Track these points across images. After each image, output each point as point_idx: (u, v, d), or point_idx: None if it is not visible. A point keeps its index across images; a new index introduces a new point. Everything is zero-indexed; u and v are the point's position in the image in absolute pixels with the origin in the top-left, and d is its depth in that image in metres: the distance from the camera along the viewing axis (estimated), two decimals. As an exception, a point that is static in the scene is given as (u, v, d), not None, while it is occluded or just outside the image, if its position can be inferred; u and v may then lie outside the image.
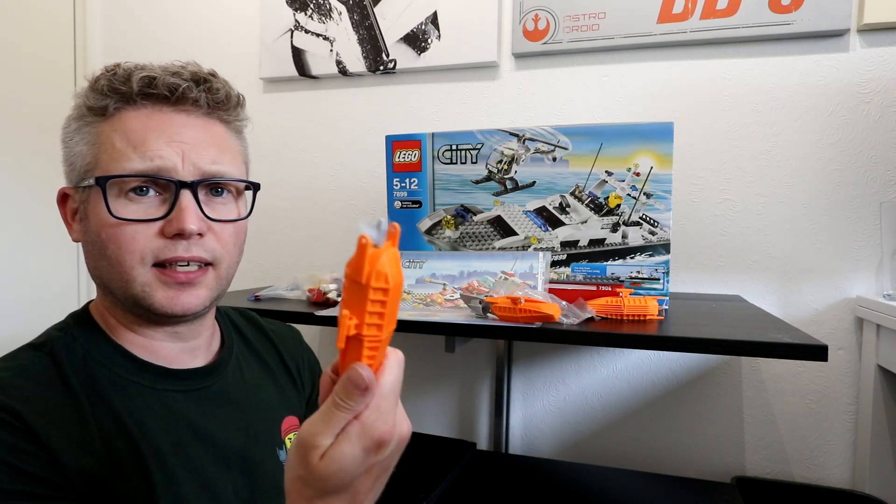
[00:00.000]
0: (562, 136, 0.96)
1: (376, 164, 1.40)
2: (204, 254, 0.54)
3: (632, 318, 0.82)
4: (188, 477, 0.54)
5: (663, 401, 1.23)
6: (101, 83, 0.53)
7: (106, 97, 0.53)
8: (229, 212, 0.57)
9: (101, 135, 0.53)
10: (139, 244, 0.52)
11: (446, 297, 0.94)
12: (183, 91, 0.54)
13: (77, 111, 0.56)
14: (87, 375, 0.53)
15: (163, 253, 0.53)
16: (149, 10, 1.59)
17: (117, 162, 0.52)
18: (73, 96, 0.57)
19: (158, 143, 0.52)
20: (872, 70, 1.10)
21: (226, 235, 0.57)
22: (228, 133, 0.59)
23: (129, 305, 0.55)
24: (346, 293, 0.34)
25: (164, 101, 0.54)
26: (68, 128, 0.56)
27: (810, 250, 1.15)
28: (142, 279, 0.53)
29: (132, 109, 0.54)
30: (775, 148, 1.16)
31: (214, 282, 0.57)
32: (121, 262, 0.52)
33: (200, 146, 0.54)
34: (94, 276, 0.57)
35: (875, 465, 1.07)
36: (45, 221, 1.48)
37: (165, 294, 0.53)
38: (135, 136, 0.52)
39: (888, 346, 1.02)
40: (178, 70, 0.55)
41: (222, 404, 0.60)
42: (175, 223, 0.52)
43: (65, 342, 0.54)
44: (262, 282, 1.47)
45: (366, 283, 0.33)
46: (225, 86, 0.58)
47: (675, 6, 1.17)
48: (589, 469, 1.11)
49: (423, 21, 1.34)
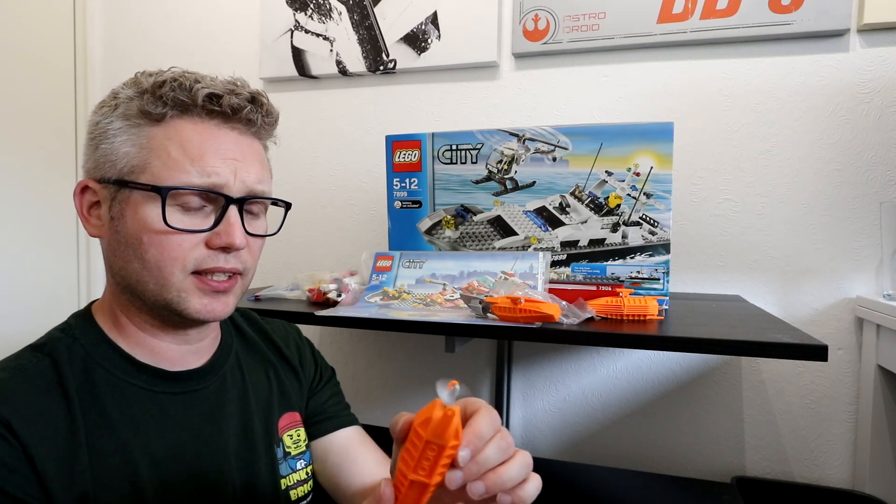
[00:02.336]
0: (562, 136, 0.96)
1: (376, 164, 1.40)
2: (239, 265, 0.57)
3: (632, 318, 0.82)
4: (185, 480, 0.54)
5: (663, 401, 1.23)
6: (167, 91, 0.54)
7: (166, 105, 0.54)
8: (261, 227, 0.61)
9: (154, 140, 0.54)
10: (183, 251, 0.53)
11: (446, 297, 0.94)
12: (246, 112, 0.56)
13: (124, 110, 0.55)
14: (84, 378, 0.53)
15: (205, 263, 0.55)
16: (149, 10, 1.59)
17: (173, 171, 0.53)
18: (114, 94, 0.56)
19: (215, 158, 0.54)
20: (872, 70, 1.10)
21: (256, 248, 0.60)
22: (263, 150, 0.62)
23: (158, 308, 0.55)
24: (413, 449, 0.38)
25: (221, 117, 0.56)
26: (110, 124, 0.55)
27: (810, 250, 1.15)
28: (179, 285, 0.54)
29: (188, 120, 0.55)
30: (775, 148, 1.16)
31: (241, 290, 0.59)
32: (160, 267, 0.53)
33: (248, 164, 0.57)
34: (115, 274, 0.57)
35: (875, 465, 1.07)
36: (45, 221, 1.48)
37: (200, 301, 0.55)
38: (191, 147, 0.53)
39: (888, 346, 1.02)
40: (235, 88, 0.56)
41: (220, 403, 0.61)
42: (224, 237, 0.54)
43: (66, 343, 0.55)
44: (262, 282, 1.47)
45: (444, 444, 0.36)
46: (272, 106, 0.60)
47: (675, 6, 1.17)
48: (589, 469, 1.11)
49: (423, 21, 1.34)
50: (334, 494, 0.70)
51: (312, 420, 0.72)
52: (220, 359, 0.64)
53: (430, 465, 0.37)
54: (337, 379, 0.79)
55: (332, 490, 0.70)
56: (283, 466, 0.65)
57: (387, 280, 0.99)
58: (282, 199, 0.64)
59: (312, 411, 0.73)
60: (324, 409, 0.73)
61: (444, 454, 0.36)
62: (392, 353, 1.41)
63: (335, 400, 0.76)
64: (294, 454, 0.67)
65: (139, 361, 0.56)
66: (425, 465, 0.37)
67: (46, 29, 1.51)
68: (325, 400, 0.74)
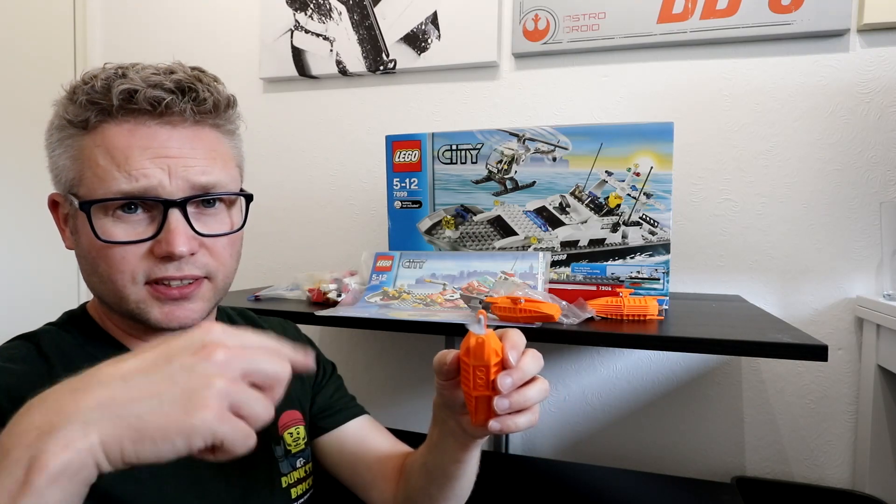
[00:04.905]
0: (562, 136, 0.96)
1: (376, 164, 1.40)
2: (196, 271, 0.53)
3: (632, 318, 0.82)
4: (176, 473, 0.54)
5: (663, 401, 1.23)
6: (80, 97, 0.50)
7: (85, 110, 0.50)
8: (221, 224, 0.56)
9: (85, 149, 0.51)
10: (129, 264, 0.51)
11: (446, 297, 0.94)
12: (167, 104, 0.51)
13: (58, 121, 0.53)
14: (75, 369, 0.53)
15: (154, 273, 0.51)
16: (149, 11, 1.59)
17: (102, 181, 0.50)
18: (53, 103, 0.54)
19: (142, 160, 0.50)
20: (872, 70, 1.10)
21: (219, 248, 0.55)
22: (220, 137, 0.56)
23: (126, 318, 0.55)
24: (469, 373, 0.47)
25: (147, 114, 0.51)
26: (51, 137, 0.53)
27: (810, 250, 1.15)
28: (135, 297, 0.52)
29: (114, 123, 0.51)
30: (775, 148, 1.16)
31: (210, 293, 0.56)
32: (113, 280, 0.51)
33: (188, 158, 0.52)
34: (88, 287, 0.56)
35: (875, 465, 1.07)
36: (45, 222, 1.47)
37: (161, 310, 0.52)
38: (118, 153, 0.50)
39: (888, 346, 1.02)
40: (160, 80, 0.51)
41: None
42: (164, 245, 0.50)
43: (56, 333, 0.55)
44: (262, 282, 1.47)
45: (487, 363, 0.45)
46: (212, 92, 0.54)
47: (675, 6, 1.17)
48: (589, 469, 1.11)
49: (423, 21, 1.34)
50: (353, 481, 0.70)
51: (323, 415, 0.72)
52: None
53: (484, 381, 0.46)
54: (338, 373, 0.79)
55: (350, 477, 0.71)
56: (284, 464, 0.65)
57: (387, 280, 0.99)
58: (236, 191, 0.57)
59: (321, 407, 0.73)
60: (332, 403, 0.74)
61: (491, 370, 0.45)
62: (392, 353, 1.41)
63: (340, 393, 0.76)
64: (294, 452, 0.67)
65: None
66: (480, 382, 0.46)
67: (46, 29, 1.51)
68: (332, 394, 0.75)
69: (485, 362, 0.45)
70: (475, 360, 0.46)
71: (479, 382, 0.46)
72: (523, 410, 0.47)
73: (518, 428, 0.47)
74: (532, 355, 0.48)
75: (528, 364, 0.47)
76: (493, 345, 0.45)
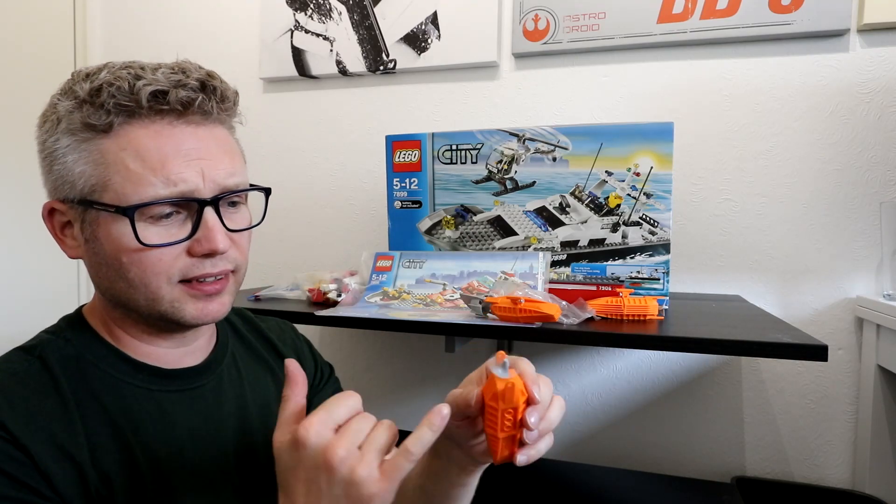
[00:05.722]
0: (562, 136, 0.96)
1: (376, 164, 1.40)
2: (228, 265, 0.55)
3: (632, 318, 0.82)
4: (185, 479, 0.54)
5: (663, 401, 1.23)
6: (105, 98, 0.49)
7: (108, 113, 0.49)
8: (244, 219, 0.58)
9: (108, 154, 0.50)
10: (165, 265, 0.51)
11: (446, 297, 0.94)
12: (199, 104, 0.51)
13: (67, 124, 0.51)
14: (79, 378, 0.52)
15: (191, 271, 0.52)
16: (149, 10, 1.59)
17: (136, 186, 0.49)
18: (53, 105, 0.52)
19: (177, 163, 0.50)
20: (872, 70, 1.10)
21: (243, 242, 0.57)
22: (229, 135, 0.57)
23: (153, 319, 0.54)
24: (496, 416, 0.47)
25: (173, 114, 0.51)
26: (57, 143, 0.51)
27: (810, 250, 1.15)
28: (170, 296, 0.52)
29: (138, 125, 0.50)
30: (775, 148, 1.16)
31: (235, 287, 0.58)
32: (146, 283, 0.51)
33: (215, 159, 0.53)
34: (104, 292, 0.55)
35: (875, 465, 1.07)
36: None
37: (195, 306, 0.53)
38: (150, 156, 0.49)
39: (888, 346, 1.02)
40: (182, 80, 0.51)
41: (218, 402, 0.60)
42: (205, 244, 0.52)
43: (57, 345, 0.54)
44: (262, 282, 1.47)
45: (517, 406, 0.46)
46: (226, 86, 0.55)
47: (675, 6, 1.17)
48: (589, 469, 1.11)
49: (423, 21, 1.34)
50: None
51: None
52: (217, 358, 0.63)
53: (512, 422, 0.47)
54: (336, 375, 0.79)
55: None
56: None
57: (387, 280, 0.99)
58: (258, 185, 0.59)
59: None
60: None
61: (519, 411, 0.46)
62: (392, 353, 1.41)
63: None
64: None
65: (135, 360, 0.56)
66: (507, 424, 0.47)
67: (46, 29, 1.51)
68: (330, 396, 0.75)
69: (514, 405, 0.46)
70: (505, 404, 0.46)
71: (506, 424, 0.47)
72: (544, 436, 0.49)
73: (541, 454, 0.48)
74: (545, 382, 0.49)
75: (545, 395, 0.48)
76: (520, 386, 0.46)
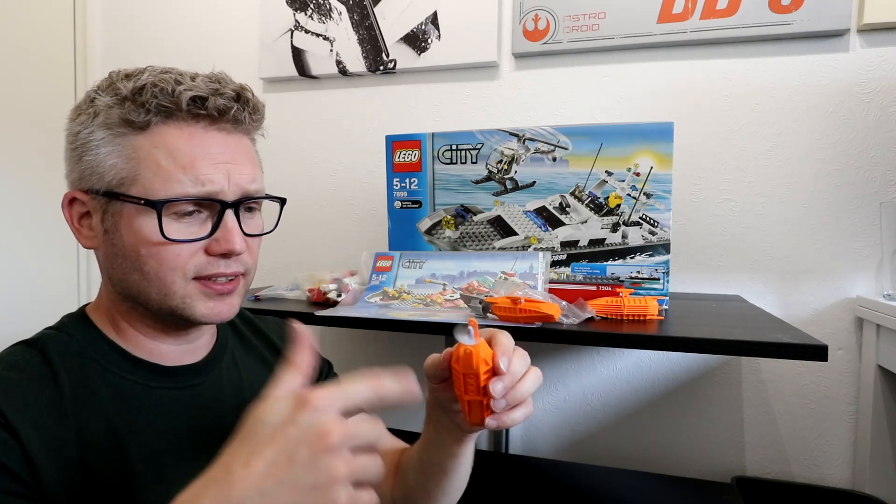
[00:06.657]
0: (562, 136, 0.96)
1: (376, 164, 1.40)
2: (240, 267, 0.57)
3: (632, 318, 0.82)
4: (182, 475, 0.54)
5: (663, 401, 1.23)
6: (148, 98, 0.52)
7: (149, 112, 0.52)
8: (258, 226, 0.61)
9: (141, 149, 0.53)
10: (182, 261, 0.53)
11: (446, 297, 0.94)
12: (234, 113, 0.54)
13: (104, 118, 0.53)
14: (79, 373, 0.53)
15: (206, 269, 0.54)
16: (149, 11, 1.59)
17: (165, 182, 0.52)
18: (90, 100, 0.55)
19: (206, 165, 0.53)
20: (872, 70, 1.10)
21: (255, 247, 0.60)
22: (252, 145, 0.61)
23: (162, 314, 0.55)
24: (460, 380, 0.48)
25: (207, 119, 0.54)
26: (91, 134, 0.54)
27: (810, 250, 1.15)
28: (182, 292, 0.54)
29: (173, 125, 0.53)
30: (775, 148, 1.16)
31: (244, 289, 0.59)
32: (161, 277, 0.53)
33: (240, 165, 0.55)
34: (115, 284, 0.56)
35: (875, 465, 1.07)
36: (45, 222, 1.48)
37: (206, 304, 0.55)
38: (181, 155, 0.52)
39: (888, 346, 1.02)
40: (219, 89, 0.54)
41: (217, 400, 0.61)
42: (223, 244, 0.54)
43: (59, 339, 0.55)
44: (262, 282, 1.47)
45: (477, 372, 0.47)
46: (257, 100, 0.58)
47: (675, 6, 1.17)
48: (589, 469, 1.11)
49: (423, 21, 1.34)
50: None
51: None
52: (217, 356, 0.64)
53: (475, 387, 0.47)
54: (335, 372, 0.79)
55: None
56: None
57: (387, 280, 0.99)
58: (275, 195, 0.64)
59: None
60: None
61: (480, 378, 0.47)
62: (392, 353, 1.41)
63: None
64: None
65: (135, 357, 0.57)
66: (471, 388, 0.48)
67: (46, 29, 1.51)
68: None
69: (473, 371, 0.47)
70: (464, 368, 0.47)
71: (469, 388, 0.48)
72: (518, 405, 0.50)
73: (515, 422, 0.49)
74: (520, 355, 0.51)
75: (517, 366, 0.49)
76: (481, 354, 0.47)
